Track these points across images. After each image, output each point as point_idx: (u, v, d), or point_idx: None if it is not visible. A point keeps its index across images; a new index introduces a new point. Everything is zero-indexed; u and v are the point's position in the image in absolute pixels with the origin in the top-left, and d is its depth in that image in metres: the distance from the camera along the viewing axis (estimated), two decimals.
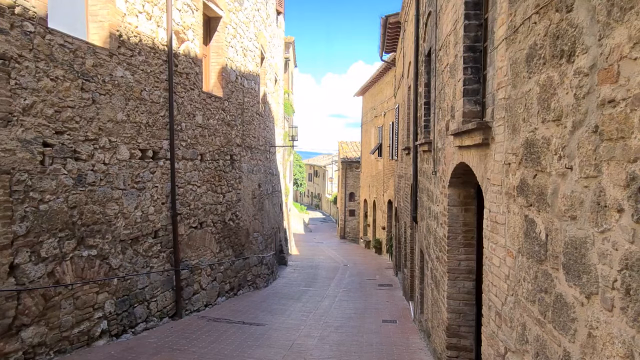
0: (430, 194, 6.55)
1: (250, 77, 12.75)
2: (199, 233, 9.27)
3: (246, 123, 12.50)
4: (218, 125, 10.35)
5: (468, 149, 3.85)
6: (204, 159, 9.60)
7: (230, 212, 11.05)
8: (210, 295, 9.60)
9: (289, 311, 9.72)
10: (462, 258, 5.04)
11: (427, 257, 6.86)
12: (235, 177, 11.46)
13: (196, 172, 9.20)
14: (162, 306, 7.75)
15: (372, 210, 25.64)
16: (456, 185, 4.99)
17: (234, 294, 11.00)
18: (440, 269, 5.56)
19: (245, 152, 12.45)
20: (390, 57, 17.27)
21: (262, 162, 14.63)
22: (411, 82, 9.56)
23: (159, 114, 7.75)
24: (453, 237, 5.05)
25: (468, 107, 4.12)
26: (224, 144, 10.74)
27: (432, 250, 6.28)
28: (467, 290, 5.05)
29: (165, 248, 7.97)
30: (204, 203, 9.52)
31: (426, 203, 7.00)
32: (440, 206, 5.52)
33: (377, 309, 10.28)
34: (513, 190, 2.61)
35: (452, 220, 5.04)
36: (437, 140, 5.90)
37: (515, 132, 2.58)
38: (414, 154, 8.18)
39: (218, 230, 10.25)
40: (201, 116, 9.44)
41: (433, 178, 6.21)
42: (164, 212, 7.92)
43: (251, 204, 12.81)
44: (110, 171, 6.49)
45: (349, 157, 32.26)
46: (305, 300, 11.27)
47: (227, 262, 10.70)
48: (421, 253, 7.74)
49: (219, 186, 10.35)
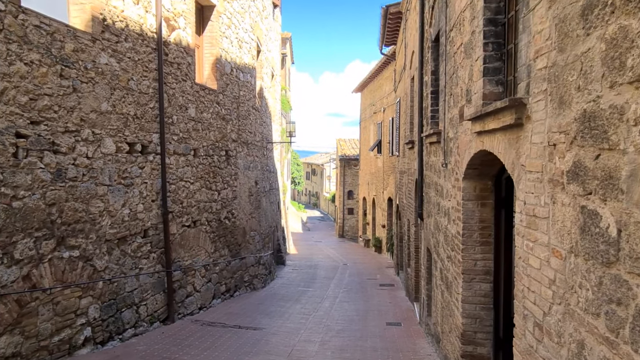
0: (439, 189, 6.09)
1: (246, 70, 12.27)
2: (192, 232, 8.79)
3: (242, 118, 12.02)
4: (212, 119, 9.87)
5: (491, 134, 3.39)
6: (198, 155, 9.12)
7: (226, 210, 10.58)
8: (205, 297, 9.13)
9: (287, 313, 9.25)
10: (478, 258, 4.59)
11: (436, 256, 6.41)
12: (230, 173, 10.99)
13: (189, 168, 8.73)
14: (152, 310, 7.28)
15: (371, 208, 25.19)
16: (472, 178, 4.53)
17: (230, 295, 10.53)
18: (452, 269, 5.10)
19: (241, 148, 11.97)
20: (390, 51, 16.81)
21: (259, 159, 14.15)
22: (415, 73, 9.10)
23: (148, 106, 7.27)
24: (468, 235, 4.59)
25: (489, 88, 3.66)
26: (219, 139, 10.26)
27: (442, 249, 5.82)
28: (484, 293, 4.60)
29: (156, 248, 7.50)
30: (197, 200, 9.04)
31: (434, 199, 6.55)
32: (453, 201, 5.06)
33: (380, 310, 9.82)
34: (561, 177, 2.14)
35: (467, 216, 4.58)
36: (447, 129, 5.44)
37: (563, 106, 2.12)
38: (420, 147, 7.72)
39: (213, 229, 9.78)
40: (194, 109, 8.95)
41: (443, 171, 5.75)
42: (154, 210, 7.44)
43: (248, 202, 12.34)
44: (94, 166, 6.01)
45: (347, 155, 31.79)
46: (305, 301, 10.81)
47: (222, 263, 10.23)
48: (428, 252, 7.29)
49: (213, 183, 9.88)
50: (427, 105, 7.14)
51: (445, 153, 5.52)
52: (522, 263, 2.66)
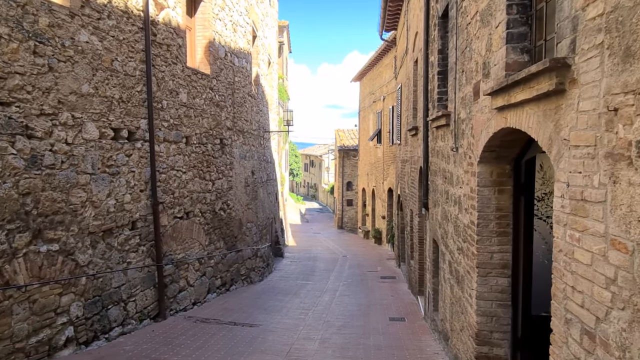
0: (447, 176, 5.65)
1: (241, 55, 11.76)
2: (185, 224, 8.35)
3: (237, 105, 11.54)
4: (205, 105, 9.39)
5: (518, 108, 2.94)
6: (190, 142, 8.66)
7: (221, 201, 10.13)
8: (199, 292, 8.71)
9: (286, 308, 8.84)
10: (495, 250, 4.16)
11: (444, 248, 5.98)
12: (225, 163, 10.52)
13: (181, 157, 8.26)
14: (142, 306, 6.85)
15: (370, 199, 24.77)
16: (488, 162, 4.08)
17: (225, 289, 10.12)
18: (464, 262, 4.67)
19: (237, 137, 11.50)
20: (390, 36, 16.29)
21: (256, 148, 13.68)
22: (419, 55, 8.62)
23: (134, 89, 6.79)
24: (484, 225, 4.15)
25: (512, 57, 3.21)
26: (213, 127, 9.79)
27: (452, 241, 5.39)
28: (502, 289, 4.17)
29: (145, 241, 7.05)
30: (190, 191, 8.59)
31: (441, 187, 6.11)
32: (465, 188, 4.62)
33: (382, 304, 9.43)
34: (627, 149, 1.70)
35: (482, 205, 4.14)
36: (458, 110, 4.99)
37: (631, 59, 1.67)
38: (425, 133, 7.27)
39: (207, 220, 9.34)
40: (185, 94, 8.47)
41: (452, 156, 5.31)
42: (143, 200, 6.99)
43: (244, 193, 11.89)
44: (75, 152, 5.55)
45: (346, 145, 31.32)
46: (304, 295, 10.41)
47: (218, 256, 9.80)
48: (434, 244, 6.87)
49: (207, 172, 9.42)
50: (434, 87, 6.67)
51: (456, 136, 5.07)
52: (564, 257, 2.23)
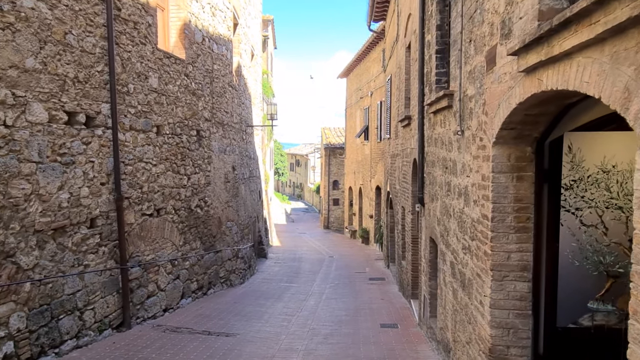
0: (449, 165, 4.97)
1: (220, 42, 10.97)
2: (155, 222, 7.55)
3: (217, 95, 10.75)
4: (180, 93, 8.60)
5: (564, 61, 2.25)
6: (162, 132, 7.86)
7: (198, 198, 9.34)
8: (171, 297, 7.91)
9: (267, 314, 8.09)
10: (512, 249, 3.47)
11: (444, 247, 5.30)
12: (203, 156, 9.73)
13: (151, 148, 7.46)
14: (102, 315, 6.04)
15: (357, 198, 24.12)
16: (506, 143, 3.40)
17: (202, 293, 9.32)
18: (473, 264, 3.98)
19: (216, 129, 10.71)
20: (379, 27, 15.63)
21: (237, 143, 12.89)
22: (412, 38, 7.95)
23: (94, 69, 5.98)
24: (499, 219, 3.47)
25: (547, 3, 2.53)
26: (189, 117, 8.99)
27: (455, 239, 4.70)
28: (521, 295, 3.49)
29: (108, 241, 6.25)
30: (162, 185, 7.79)
31: (441, 178, 5.43)
32: (474, 176, 3.94)
33: (372, 308, 8.73)
34: None
35: (497, 194, 3.46)
36: (464, 87, 4.30)
37: None
38: (420, 120, 6.59)
39: (182, 218, 8.55)
40: (156, 79, 7.67)
41: (456, 142, 4.62)
42: (105, 194, 6.18)
43: (224, 189, 11.10)
44: (16, 137, 4.73)
45: (332, 143, 30.66)
46: (287, 299, 9.66)
47: (194, 257, 9.01)
48: (431, 242, 6.18)
49: (182, 166, 8.63)
50: (431, 69, 5.99)
51: (462, 117, 4.38)
52: None
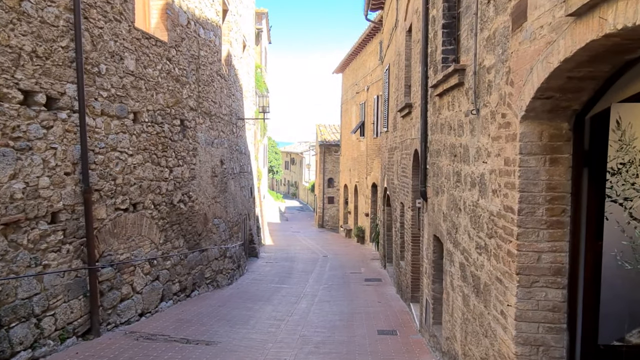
0: (459, 152, 4.33)
1: (208, 27, 10.30)
2: (131, 217, 6.87)
3: (203, 83, 10.08)
4: (161, 78, 7.92)
5: None
6: (140, 120, 7.18)
7: (181, 192, 8.66)
8: (149, 300, 7.23)
9: (254, 319, 7.43)
10: (544, 248, 2.84)
11: (451, 246, 4.66)
12: (187, 148, 9.06)
13: (126, 136, 6.78)
14: (64, 322, 5.36)
15: (353, 196, 23.48)
16: (538, 117, 2.76)
17: (185, 296, 8.65)
18: (491, 266, 3.35)
19: (202, 119, 10.03)
20: (377, 17, 15.00)
21: (226, 135, 12.22)
22: (414, 18, 7.31)
23: (57, 43, 5.30)
24: (528, 212, 2.83)
25: None
26: (172, 105, 8.32)
27: (466, 237, 4.07)
28: (553, 305, 2.86)
29: (73, 238, 5.57)
30: (139, 178, 7.12)
31: (448, 168, 4.79)
32: (494, 161, 3.30)
33: (368, 312, 8.08)
34: None
35: (526, 181, 2.82)
36: (481, 57, 3.66)
37: None
38: (423, 106, 5.95)
39: (162, 214, 7.87)
40: (133, 61, 6.99)
41: (469, 124, 3.98)
42: (70, 185, 5.50)
43: (210, 184, 10.43)
44: None
45: (327, 140, 30.06)
46: (277, 301, 9.00)
47: (176, 256, 8.33)
48: (436, 241, 5.54)
49: (163, 157, 7.95)
50: (436, 47, 5.35)
51: (476, 94, 3.73)
52: None
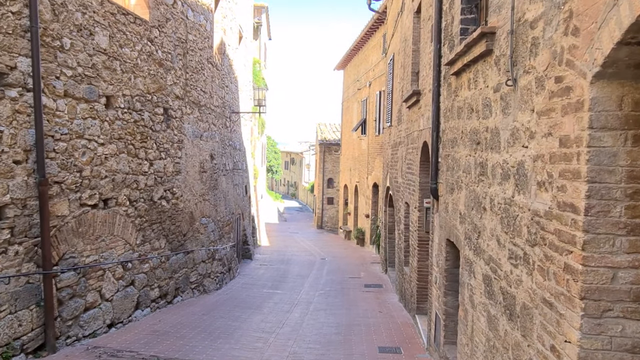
0: (486, 137, 3.50)
1: (197, 9, 9.49)
2: (101, 215, 6.05)
3: (192, 70, 9.26)
4: (141, 60, 7.10)
5: None
6: (114, 105, 6.36)
7: (163, 188, 7.84)
8: (121, 308, 6.40)
9: (240, 331, 6.60)
10: (622, 263, 2.01)
11: (471, 253, 3.83)
12: (171, 139, 8.24)
13: (97, 122, 5.97)
14: (10, 337, 4.53)
15: (353, 197, 22.65)
16: (618, 75, 1.93)
17: (166, 302, 7.82)
18: (534, 283, 2.52)
19: (190, 110, 9.22)
20: (381, 7, 14.19)
21: (218, 129, 11.40)
22: None
23: (6, 7, 4.49)
24: (601, 211, 2.01)
25: None
26: (153, 91, 7.50)
27: (494, 242, 3.24)
28: (633, 344, 2.03)
29: (24, 237, 4.75)
30: (112, 170, 6.30)
31: (468, 159, 3.97)
32: (544, 143, 2.48)
33: (368, 324, 7.25)
34: None
35: (598, 167, 2.00)
36: (521, 9, 2.83)
37: None
38: (435, 89, 5.13)
39: (140, 212, 7.05)
40: (106, 38, 6.17)
41: (502, 100, 3.16)
42: (20, 176, 4.69)
43: (198, 180, 9.60)
44: None
45: (327, 139, 29.23)
46: (268, 310, 8.17)
47: (156, 258, 7.51)
48: (449, 246, 4.72)
49: (142, 149, 7.13)
50: (452, 18, 4.54)
51: (513, 61, 2.91)
52: None
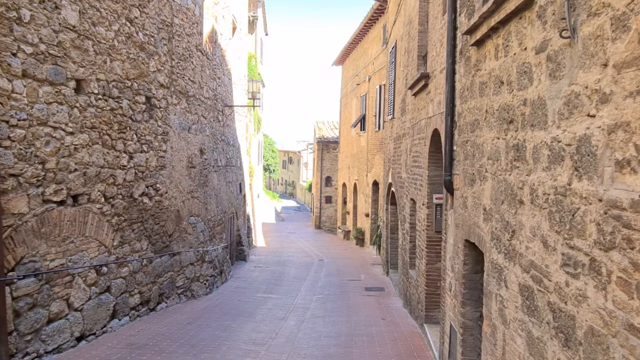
0: (524, 112, 2.81)
1: None
2: (69, 213, 5.34)
3: (178, 57, 8.55)
4: (119, 42, 6.39)
5: None
6: (86, 90, 5.65)
7: (145, 184, 7.13)
8: (94, 318, 5.69)
9: (227, 343, 5.88)
10: None
11: (500, 257, 3.13)
12: (155, 131, 7.53)
13: (64, 108, 5.25)
14: None
15: (352, 195, 21.96)
16: None
17: (149, 309, 7.11)
18: (611, 302, 1.83)
19: (177, 100, 8.51)
20: None
21: (209, 122, 10.69)
22: None
23: None
24: None
25: None
26: (133, 77, 6.79)
27: (537, 244, 2.55)
28: None
29: None
30: (83, 163, 5.58)
31: (496, 143, 3.27)
32: (630, 106, 1.77)
33: (371, 334, 6.55)
34: None
35: None
36: None
37: None
38: (449, 66, 4.43)
39: (118, 210, 6.34)
40: (76, 14, 5.45)
41: (551, 61, 2.47)
42: None
43: (186, 176, 8.89)
44: None
45: (325, 137, 28.56)
46: (261, 317, 7.47)
47: (136, 261, 6.80)
48: (469, 248, 4.02)
49: (120, 140, 6.42)
50: None
51: (571, 4, 2.21)
52: None
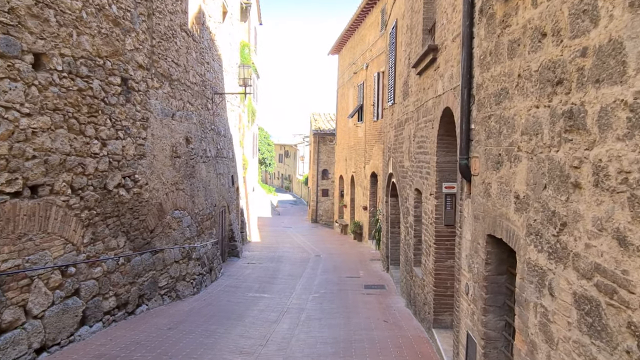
0: (585, 64, 2.13)
1: None
2: (27, 206, 4.63)
3: (160, 36, 7.82)
4: (87, 14, 5.66)
5: None
6: (47, 67, 4.92)
7: (121, 174, 6.43)
8: (58, 326, 5.00)
9: (211, 352, 5.20)
10: None
11: (542, 257, 2.46)
12: (133, 116, 6.82)
13: (19, 85, 4.53)
14: None
15: (349, 188, 21.29)
16: None
17: (126, 313, 6.43)
18: None
19: (159, 83, 7.79)
20: None
21: (196, 110, 9.98)
22: None
23: None
24: None
25: None
26: (106, 55, 6.07)
27: (602, 241, 1.88)
28: None
29: None
30: (44, 150, 4.87)
31: (533, 113, 2.60)
32: None
33: (372, 339, 5.89)
34: None
35: None
36: None
37: None
38: (467, 29, 3.74)
39: (88, 203, 5.64)
40: None
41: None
42: None
43: (170, 166, 8.19)
44: None
45: (322, 129, 27.83)
46: (251, 320, 6.80)
47: (111, 260, 6.11)
48: (493, 244, 3.34)
49: (90, 125, 5.71)
50: None
51: None
52: None
